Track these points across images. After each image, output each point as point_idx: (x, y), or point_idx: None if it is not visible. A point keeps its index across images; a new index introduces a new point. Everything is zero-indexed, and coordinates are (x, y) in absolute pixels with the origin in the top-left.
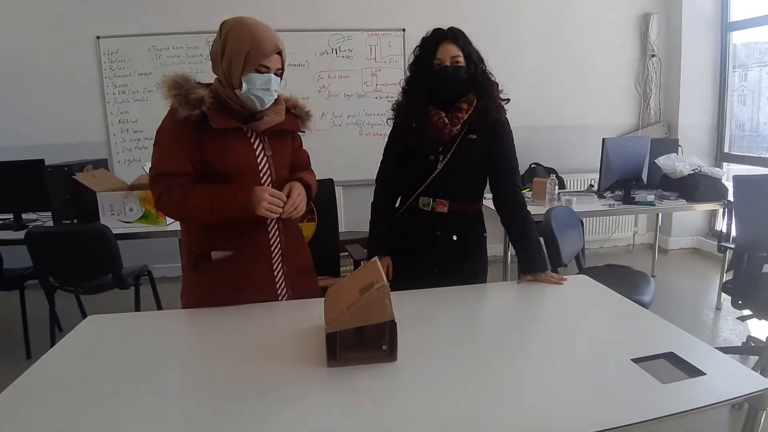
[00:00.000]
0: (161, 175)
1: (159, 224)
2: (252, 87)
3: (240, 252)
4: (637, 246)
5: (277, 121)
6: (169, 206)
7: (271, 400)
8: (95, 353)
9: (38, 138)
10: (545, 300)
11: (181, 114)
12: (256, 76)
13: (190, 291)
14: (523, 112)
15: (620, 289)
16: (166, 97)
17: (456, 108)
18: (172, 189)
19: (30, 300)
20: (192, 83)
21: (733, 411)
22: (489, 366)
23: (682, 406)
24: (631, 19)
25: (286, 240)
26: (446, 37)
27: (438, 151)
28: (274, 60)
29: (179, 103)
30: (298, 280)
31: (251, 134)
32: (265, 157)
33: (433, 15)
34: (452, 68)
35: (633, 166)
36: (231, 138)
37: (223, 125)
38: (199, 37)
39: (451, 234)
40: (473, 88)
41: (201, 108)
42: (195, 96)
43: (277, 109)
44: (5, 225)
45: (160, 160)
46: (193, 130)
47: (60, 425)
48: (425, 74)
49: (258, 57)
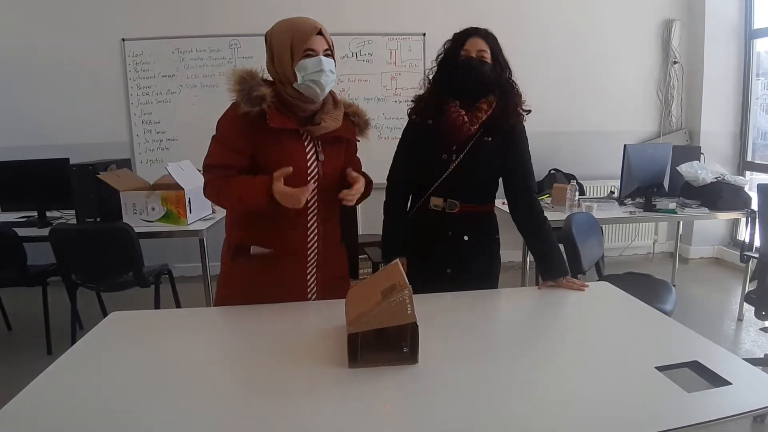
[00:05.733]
0: (211, 166)
1: (180, 224)
2: (306, 73)
3: (278, 251)
4: (657, 254)
5: (334, 127)
6: (212, 195)
7: (291, 399)
8: (118, 350)
9: (64, 137)
10: (566, 306)
11: (241, 109)
12: (306, 61)
13: (226, 282)
14: (544, 118)
15: (641, 298)
16: (231, 91)
17: (476, 107)
18: (215, 179)
19: (52, 296)
20: (257, 80)
21: (755, 424)
22: (510, 371)
23: (708, 416)
24: (654, 25)
25: (324, 244)
26: (477, 32)
27: (452, 150)
28: (318, 41)
29: (241, 98)
30: (331, 286)
31: (306, 137)
32: (316, 161)
33: (453, 20)
34: (477, 60)
35: (654, 173)
36: (286, 138)
37: (280, 125)
38: (222, 40)
39: (462, 234)
40: (495, 89)
41: (261, 105)
42: (257, 93)
43: (335, 114)
44: (30, 222)
45: (213, 151)
46: (250, 126)
47: (83, 421)
48: (450, 65)
49: (301, 42)
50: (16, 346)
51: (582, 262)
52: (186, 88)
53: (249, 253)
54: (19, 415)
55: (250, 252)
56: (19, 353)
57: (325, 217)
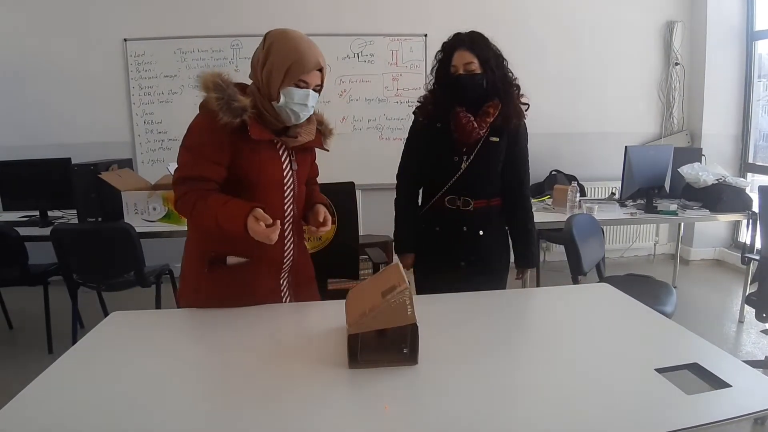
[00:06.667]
0: (185, 178)
1: (181, 224)
2: (290, 101)
3: (255, 260)
4: (658, 256)
5: (309, 140)
6: (184, 210)
7: (291, 400)
8: (119, 349)
9: (65, 137)
10: (567, 308)
11: (221, 119)
12: (295, 90)
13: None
14: (545, 119)
15: (642, 299)
16: (207, 98)
17: (483, 111)
18: (190, 193)
19: (53, 296)
20: (233, 88)
21: (755, 426)
22: (510, 372)
23: (708, 418)
24: (655, 26)
25: (298, 253)
26: (462, 44)
27: (462, 152)
28: (315, 76)
29: (220, 108)
30: (301, 288)
31: (281, 147)
32: (291, 171)
33: (454, 20)
34: (465, 77)
35: (655, 175)
36: (262, 149)
37: (260, 137)
38: (224, 40)
39: (477, 229)
40: (495, 93)
41: (242, 116)
42: (238, 104)
43: (309, 128)
44: (31, 222)
45: (188, 163)
46: (229, 135)
47: (84, 421)
48: (445, 79)
49: (299, 71)
50: (17, 345)
51: (583, 263)
52: (188, 88)
53: (225, 263)
54: (20, 414)
55: (227, 262)
56: (21, 352)
57: (298, 224)
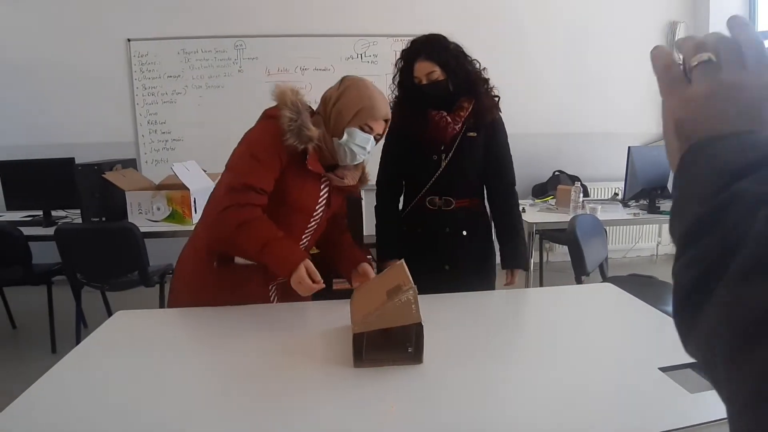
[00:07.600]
0: (248, 187)
1: (185, 223)
2: (351, 140)
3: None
4: (660, 256)
5: (352, 184)
6: (232, 220)
7: (297, 399)
8: (124, 348)
9: (69, 137)
10: (571, 307)
11: (287, 140)
12: (359, 132)
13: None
14: (548, 120)
15: (645, 299)
16: (280, 113)
17: (457, 107)
18: (248, 208)
19: (57, 295)
20: (306, 114)
21: None
22: (515, 371)
23: (711, 416)
24: (658, 27)
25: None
26: (418, 54)
27: (440, 150)
28: (380, 125)
29: (290, 130)
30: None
31: (324, 183)
32: (324, 207)
33: (457, 21)
34: (429, 86)
35: (658, 175)
36: (308, 179)
37: (315, 169)
38: (227, 40)
39: (460, 230)
40: (464, 92)
41: (307, 145)
42: (308, 133)
43: (355, 173)
44: (35, 221)
45: (253, 171)
46: (288, 156)
47: (88, 420)
48: (411, 92)
49: (368, 116)
50: (21, 344)
51: (586, 263)
52: (191, 88)
53: (232, 261)
54: (24, 413)
55: (234, 261)
56: (24, 352)
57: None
